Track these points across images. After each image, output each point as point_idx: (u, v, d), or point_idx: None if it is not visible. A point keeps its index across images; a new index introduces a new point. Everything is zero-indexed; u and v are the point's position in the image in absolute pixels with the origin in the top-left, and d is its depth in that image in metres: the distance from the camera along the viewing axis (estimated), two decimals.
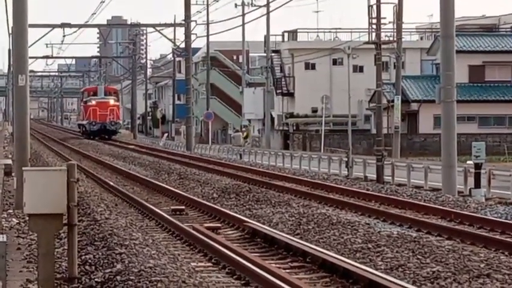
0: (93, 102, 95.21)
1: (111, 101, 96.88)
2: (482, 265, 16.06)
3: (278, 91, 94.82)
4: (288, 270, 16.74)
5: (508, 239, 19.99)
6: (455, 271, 15.86)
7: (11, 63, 30.72)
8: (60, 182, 15.71)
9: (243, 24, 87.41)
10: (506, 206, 28.52)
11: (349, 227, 21.81)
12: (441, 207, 25.92)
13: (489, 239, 19.98)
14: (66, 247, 16.59)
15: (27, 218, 17.57)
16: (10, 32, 31.57)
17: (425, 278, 15.70)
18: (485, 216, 23.76)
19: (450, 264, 16.42)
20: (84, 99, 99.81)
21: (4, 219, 24.21)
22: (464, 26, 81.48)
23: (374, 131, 64.42)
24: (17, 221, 23.92)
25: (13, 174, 32.93)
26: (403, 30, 68.39)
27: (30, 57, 39.63)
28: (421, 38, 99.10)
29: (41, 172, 17.08)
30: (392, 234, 20.43)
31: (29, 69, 30.51)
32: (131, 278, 15.06)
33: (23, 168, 20.51)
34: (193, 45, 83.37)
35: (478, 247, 18.89)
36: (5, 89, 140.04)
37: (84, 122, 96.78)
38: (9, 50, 72.76)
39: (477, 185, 34.68)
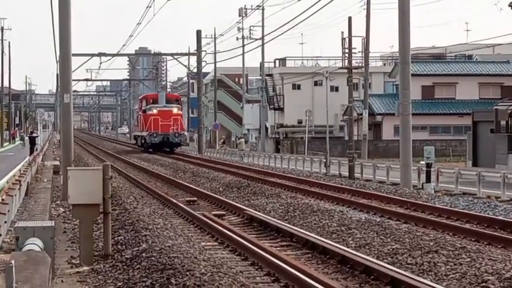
0: (154, 111, 68.99)
1: (175, 110, 70.12)
2: (431, 243, 16.07)
3: (271, 106, 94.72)
4: (278, 248, 16.78)
5: (452, 223, 20.03)
6: (410, 248, 15.87)
7: (59, 84, 30.73)
8: (97, 179, 15.72)
9: (243, 53, 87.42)
10: (450, 197, 28.55)
11: (326, 213, 21.84)
12: (399, 198, 25.99)
13: (437, 222, 20.04)
14: (102, 230, 16.60)
15: (71, 208, 17.57)
16: (57, 59, 31.54)
17: (387, 253, 15.72)
18: (434, 205, 23.82)
19: (406, 243, 16.43)
20: (143, 108, 72.63)
21: (53, 209, 24.21)
22: (418, 54, 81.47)
23: (347, 138, 64.31)
24: (63, 210, 23.93)
25: (60, 172, 32.93)
26: (369, 58, 68.50)
27: (74, 80, 39.67)
28: (384, 64, 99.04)
29: (82, 171, 17.12)
30: (361, 219, 20.46)
31: (72, 90, 30.56)
32: (154, 254, 15.05)
33: (68, 168, 20.52)
34: (203, 70, 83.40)
35: (429, 229, 18.94)
36: (54, 105, 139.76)
37: (144, 134, 69.93)
38: (57, 75, 72.68)
39: (428, 180, 34.63)
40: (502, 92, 76.14)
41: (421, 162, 36.15)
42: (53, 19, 37.79)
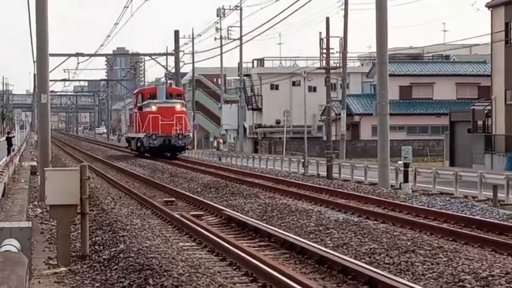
0: (153, 108, 56.40)
1: (178, 106, 57.09)
2: (409, 243, 16.11)
3: (249, 107, 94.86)
4: (256, 248, 16.78)
5: (429, 223, 20.09)
6: (387, 248, 15.91)
7: (36, 85, 30.60)
8: (75, 180, 15.69)
9: (221, 53, 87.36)
10: (428, 197, 28.69)
11: (304, 213, 21.85)
12: (377, 198, 26.02)
13: (414, 222, 20.08)
14: (79, 231, 16.56)
15: (48, 208, 17.52)
16: (34, 59, 31.47)
17: (364, 253, 15.75)
18: (411, 205, 23.88)
19: (384, 243, 16.47)
20: (139, 104, 59.54)
21: (30, 209, 24.11)
22: (395, 54, 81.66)
23: (325, 138, 64.50)
24: (41, 211, 23.83)
25: (37, 173, 32.81)
26: (347, 58, 68.57)
27: (51, 80, 39.55)
28: (362, 64, 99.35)
29: (59, 172, 17.05)
30: (338, 219, 20.48)
31: (49, 90, 30.44)
32: (131, 255, 15.03)
33: (45, 168, 20.43)
34: (181, 70, 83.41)
35: (406, 229, 18.97)
36: (31, 106, 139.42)
37: (141, 135, 57.47)
38: (34, 75, 72.46)
39: (406, 180, 34.82)
40: (479, 92, 76.47)
41: (399, 162, 36.32)
42: (29, 18, 37.54)
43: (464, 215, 21.20)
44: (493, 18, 56.14)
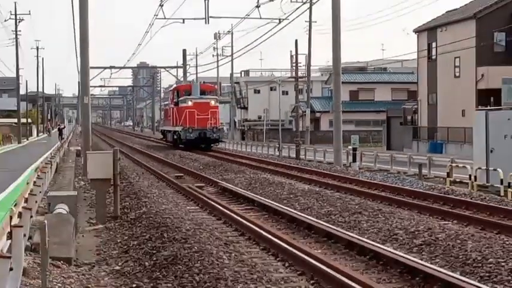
0: (190, 104, 47.81)
1: (212, 102, 48.38)
2: (356, 206, 16.15)
3: (238, 106, 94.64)
4: (243, 211, 16.77)
5: (371, 191, 20.07)
6: (341, 210, 15.95)
7: (79, 89, 30.52)
8: (109, 160, 15.68)
9: (217, 66, 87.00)
10: (371, 172, 28.71)
11: (279, 185, 21.86)
12: (333, 173, 26.01)
13: (360, 191, 20.09)
14: (112, 198, 16.54)
15: (89, 181, 17.48)
16: (79, 70, 31.39)
17: (324, 214, 15.78)
18: (358, 178, 23.89)
19: (338, 206, 16.50)
20: (175, 100, 50.82)
21: (76, 182, 24.07)
22: (346, 67, 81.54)
23: (294, 129, 64.45)
24: (84, 183, 23.80)
25: (81, 155, 32.72)
26: (311, 69, 68.49)
27: (91, 86, 39.36)
28: (322, 74, 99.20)
29: (97, 154, 17.04)
30: (305, 189, 20.50)
31: (90, 93, 30.36)
32: (151, 216, 15.03)
33: (87, 152, 20.38)
34: (188, 79, 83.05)
35: (354, 196, 18.98)
36: (77, 105, 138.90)
37: (178, 128, 48.62)
38: (78, 82, 72.12)
39: (354, 160, 34.79)
40: (408, 95, 76.43)
41: (349, 147, 36.29)
42: (75, 40, 37.45)
43: (398, 186, 21.25)
44: (419, 40, 56.22)
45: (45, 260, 8.66)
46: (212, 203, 17.37)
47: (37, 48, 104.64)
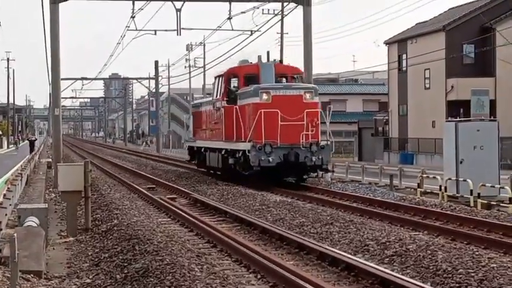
0: (265, 98, 24.18)
1: (307, 96, 24.98)
2: (328, 217, 16.17)
3: None
4: (215, 222, 16.72)
5: (343, 202, 20.13)
6: (313, 221, 15.96)
7: (51, 101, 30.25)
8: (80, 172, 15.58)
9: (190, 78, 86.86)
10: (342, 183, 28.77)
11: (251, 196, 21.82)
12: (305, 184, 25.92)
13: (332, 202, 20.15)
14: (83, 210, 16.42)
15: (60, 193, 17.35)
16: (50, 82, 31.21)
17: (296, 225, 15.77)
18: (330, 189, 23.91)
19: (310, 217, 16.51)
20: (231, 94, 26.54)
21: (47, 194, 23.88)
22: (318, 78, 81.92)
23: None
24: (54, 195, 23.62)
25: (52, 167, 32.47)
26: None
27: (62, 98, 39.16)
28: None
29: (68, 166, 16.90)
30: (276, 200, 20.48)
31: (61, 105, 30.20)
32: (123, 228, 14.93)
33: (58, 163, 20.24)
34: (160, 90, 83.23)
35: (326, 207, 19.02)
36: (48, 117, 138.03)
37: (240, 146, 24.87)
38: (49, 93, 71.86)
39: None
40: (379, 106, 76.92)
41: None
42: (46, 51, 37.25)
43: (369, 197, 21.31)
44: (389, 52, 56.67)
45: (15, 274, 8.57)
46: (184, 214, 17.30)
47: (7, 60, 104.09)
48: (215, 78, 28.85)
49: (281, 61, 24.22)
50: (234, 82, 27.27)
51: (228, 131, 26.59)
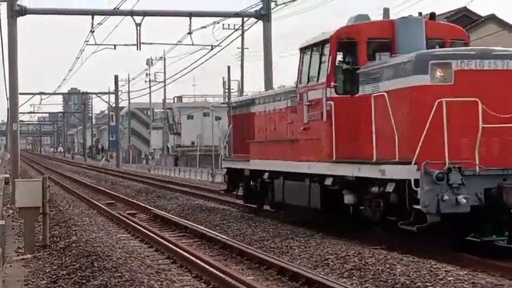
0: (439, 75, 11.34)
1: None
2: (289, 232, 16.23)
3: (171, 132, 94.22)
4: (175, 238, 16.70)
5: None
6: (273, 236, 16.00)
7: (8, 116, 29.99)
8: (38, 188, 15.45)
9: (150, 92, 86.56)
10: None
11: (212, 211, 21.83)
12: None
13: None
14: (41, 227, 16.26)
15: (17, 210, 17.17)
16: (7, 97, 30.98)
17: (256, 240, 15.80)
18: None
19: (270, 232, 16.55)
20: (353, 75, 13.90)
21: (4, 211, 23.56)
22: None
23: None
24: (12, 211, 23.33)
25: (10, 183, 32.08)
26: (244, 95, 68.86)
27: (20, 112, 38.80)
28: None
29: (26, 182, 16.77)
30: (237, 215, 20.53)
31: (19, 120, 29.93)
32: (81, 244, 14.82)
33: (15, 179, 20.05)
34: (120, 105, 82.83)
35: (287, 222, 19.03)
36: (5, 132, 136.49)
37: (388, 172, 12.02)
38: (7, 108, 70.91)
39: None
40: None
41: None
42: (4, 66, 36.79)
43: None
44: None
45: None
46: (144, 230, 17.24)
47: None
48: (301, 51, 16.26)
49: (433, 16, 14.51)
50: (347, 54, 15.11)
51: (340, 141, 14.64)
